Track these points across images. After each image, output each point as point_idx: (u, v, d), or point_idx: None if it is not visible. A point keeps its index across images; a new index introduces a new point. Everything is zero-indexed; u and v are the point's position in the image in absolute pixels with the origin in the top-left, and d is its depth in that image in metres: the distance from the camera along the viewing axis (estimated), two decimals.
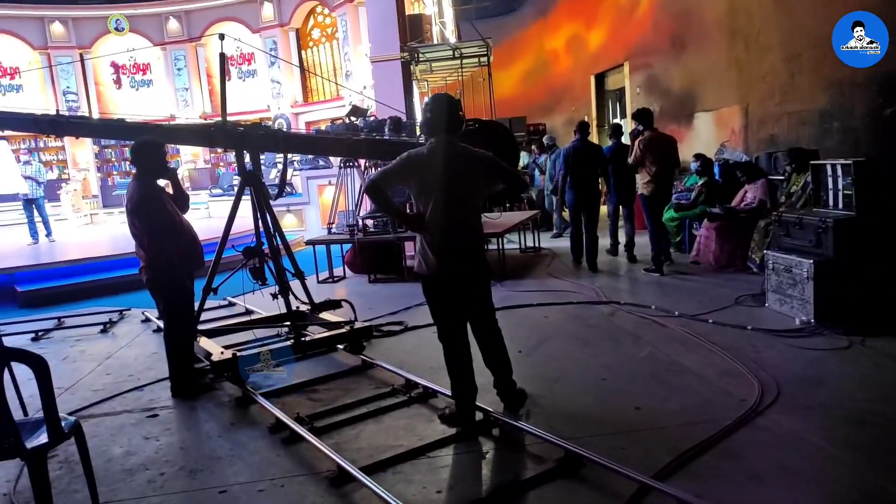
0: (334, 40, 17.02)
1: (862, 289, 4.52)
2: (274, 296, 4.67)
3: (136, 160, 4.13)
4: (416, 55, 10.03)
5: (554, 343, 4.77)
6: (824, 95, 6.61)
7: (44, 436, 2.50)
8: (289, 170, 13.76)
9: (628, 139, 8.09)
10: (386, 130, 7.62)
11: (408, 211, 4.54)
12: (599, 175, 7.58)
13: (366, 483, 2.65)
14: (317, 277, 8.03)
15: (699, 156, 7.94)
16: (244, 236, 5.12)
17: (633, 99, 12.24)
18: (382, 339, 5.12)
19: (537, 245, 9.09)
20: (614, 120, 13.36)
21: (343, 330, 4.50)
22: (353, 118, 8.27)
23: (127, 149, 19.30)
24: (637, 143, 6.87)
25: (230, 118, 5.17)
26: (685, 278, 6.61)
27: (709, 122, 9.48)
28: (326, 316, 4.91)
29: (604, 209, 8.57)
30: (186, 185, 17.91)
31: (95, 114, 17.08)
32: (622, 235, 8.01)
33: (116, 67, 19.09)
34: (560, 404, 3.58)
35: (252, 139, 4.74)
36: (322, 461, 2.99)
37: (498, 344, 3.51)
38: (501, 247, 7.75)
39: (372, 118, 9.18)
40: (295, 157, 13.04)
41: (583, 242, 7.45)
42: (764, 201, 6.71)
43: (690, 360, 4.12)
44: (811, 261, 4.66)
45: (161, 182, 4.21)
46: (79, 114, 14.24)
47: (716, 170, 8.02)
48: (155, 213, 3.96)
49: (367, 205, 8.71)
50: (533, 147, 12.16)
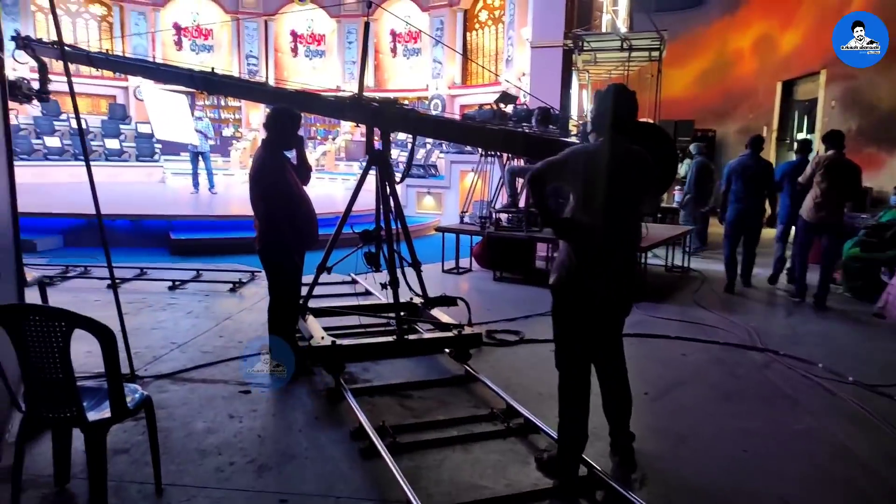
0: (500, 23, 16.66)
1: None
2: (384, 285, 4.41)
3: (269, 127, 4.03)
4: (581, 43, 9.36)
5: (689, 390, 4.08)
6: None
7: (108, 409, 2.37)
8: (436, 151, 13.71)
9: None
10: (533, 121, 7.11)
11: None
12: (766, 195, 6.94)
13: None
14: (442, 265, 7.79)
15: None
16: (368, 214, 4.89)
17: (826, 113, 10.66)
18: (493, 349, 4.71)
19: (686, 265, 8.16)
20: (800, 135, 11.77)
21: (451, 334, 4.14)
22: (502, 104, 7.84)
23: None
24: (812, 162, 6.34)
25: (390, 94, 5.00)
26: (865, 334, 5.51)
27: None
28: (437, 314, 4.58)
29: (771, 232, 7.60)
30: (341, 156, 18.67)
31: (272, 79, 18.21)
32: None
33: (295, 36, 20.16)
34: (684, 474, 2.96)
35: (383, 117, 4.47)
36: (394, 488, 2.65)
37: (623, 385, 2.98)
38: (644, 263, 7.00)
39: (522, 106, 8.71)
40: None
41: (737, 268, 6.99)
42: None
43: (861, 446, 3.29)
44: None
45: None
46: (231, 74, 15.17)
47: None
48: (273, 184, 3.84)
49: (504, 198, 8.30)
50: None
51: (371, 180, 4.62)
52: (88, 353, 4.36)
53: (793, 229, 7.08)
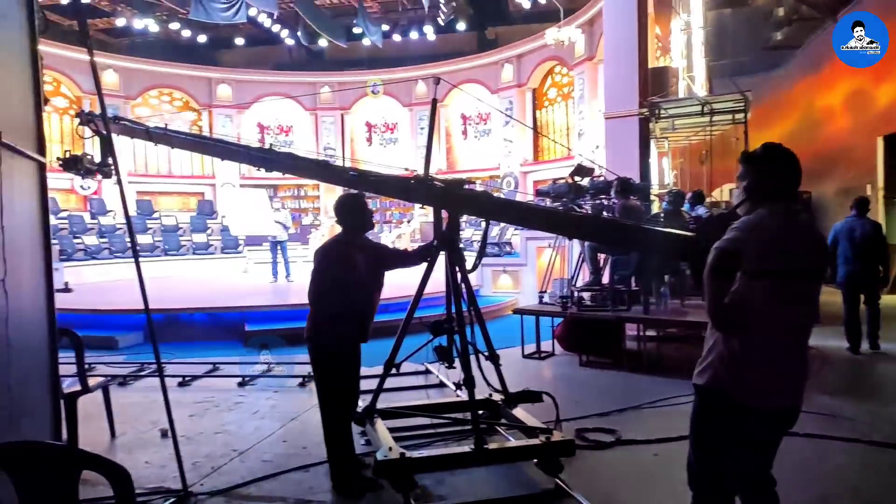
0: (570, 99, 16.59)
1: None
2: (458, 385, 3.94)
3: (339, 215, 3.85)
4: (658, 111, 8.96)
5: None
6: None
7: None
8: (510, 228, 13.38)
9: None
10: (612, 193, 6.66)
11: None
12: (877, 256, 6.76)
13: None
14: (522, 350, 7.25)
15: None
16: (436, 297, 4.48)
17: None
18: (585, 452, 4.08)
19: None
20: None
21: (537, 441, 3.58)
22: (578, 178, 7.45)
23: (371, 200, 20.96)
24: None
25: (461, 175, 4.72)
26: None
27: None
28: (521, 413, 4.03)
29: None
30: (416, 238, 18.69)
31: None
32: None
33: (369, 126, 20.88)
34: None
35: (451, 198, 4.15)
36: None
37: None
38: None
39: (600, 178, 8.29)
40: None
41: (860, 329, 6.73)
42: None
43: None
44: None
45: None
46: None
47: None
48: (332, 266, 3.64)
49: (586, 275, 7.76)
50: None
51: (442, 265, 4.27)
52: (147, 465, 4.14)
53: None
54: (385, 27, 17.66)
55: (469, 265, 4.20)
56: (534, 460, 3.76)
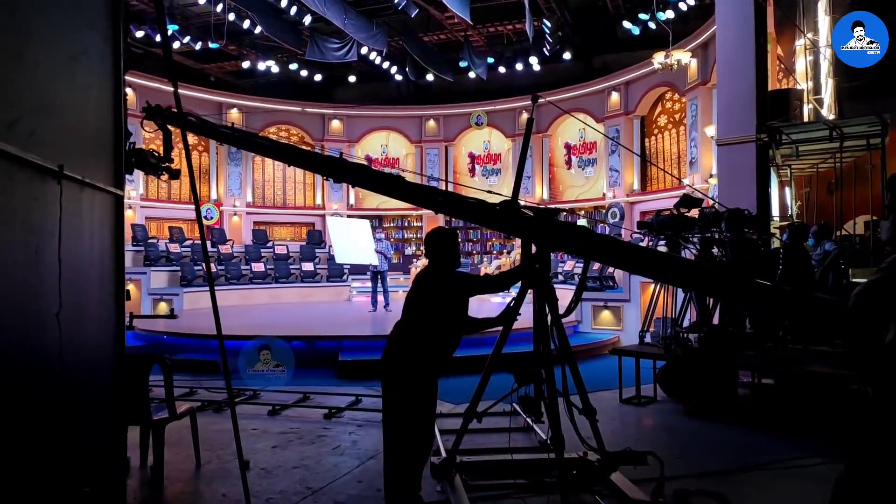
0: (682, 126, 15.78)
1: None
2: (545, 444, 3.59)
3: (428, 247, 3.77)
4: (779, 136, 8.22)
5: None
6: None
7: None
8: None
9: None
10: (722, 226, 6.10)
11: None
12: None
13: None
14: (620, 393, 6.75)
15: None
16: (524, 334, 4.16)
17: None
18: None
19: None
20: None
21: None
22: (684, 209, 6.92)
23: (472, 230, 20.87)
24: None
25: (564, 205, 4.39)
26: None
27: None
28: (619, 480, 3.61)
29: None
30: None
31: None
32: None
33: (472, 157, 21.00)
34: None
35: (538, 229, 3.76)
36: None
37: None
38: None
39: (710, 209, 7.68)
40: None
41: None
42: None
43: None
44: None
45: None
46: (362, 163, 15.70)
47: None
48: (430, 294, 3.57)
49: (692, 314, 7.16)
50: None
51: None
52: (224, 498, 4.15)
53: None
54: (490, 59, 17.77)
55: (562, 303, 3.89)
56: None
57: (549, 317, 3.75)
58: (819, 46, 9.66)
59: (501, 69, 17.89)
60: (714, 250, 6.62)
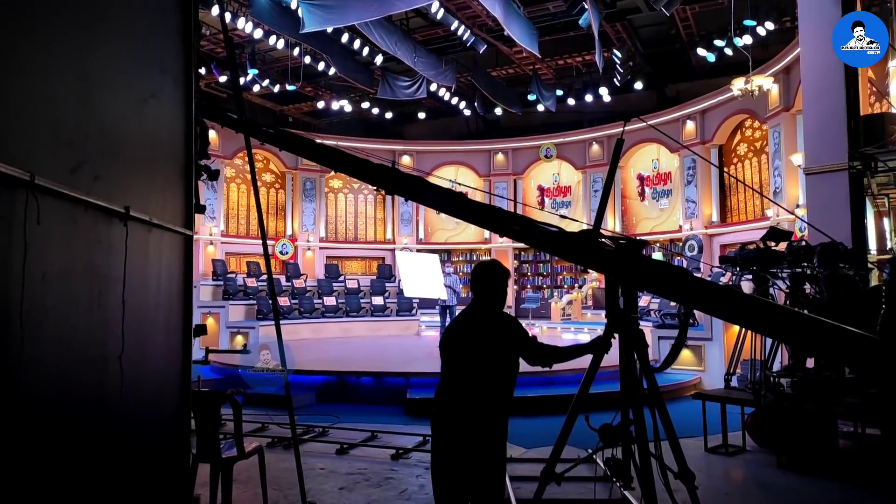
0: (763, 154, 15.05)
1: None
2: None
3: (475, 282, 3.24)
4: (874, 163, 7.63)
5: None
6: None
7: None
8: None
9: None
10: (815, 261, 5.65)
11: None
12: None
13: None
14: (705, 442, 6.29)
15: None
16: (610, 372, 3.63)
17: None
18: None
19: None
20: None
21: None
22: (772, 243, 6.47)
23: (543, 263, 20.52)
24: None
25: (640, 237, 3.96)
26: None
27: None
28: None
29: None
30: (588, 304, 17.89)
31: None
32: None
33: (542, 190, 20.78)
34: None
35: (625, 263, 3.24)
36: None
37: None
38: None
39: (800, 243, 7.16)
40: None
41: None
42: None
43: None
44: None
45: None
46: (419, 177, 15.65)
47: None
48: (478, 343, 3.04)
49: (784, 356, 6.63)
50: None
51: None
52: None
53: None
54: (559, 92, 17.67)
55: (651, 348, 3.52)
56: None
57: (638, 366, 3.30)
58: None
59: (570, 101, 17.73)
60: (806, 287, 6.13)
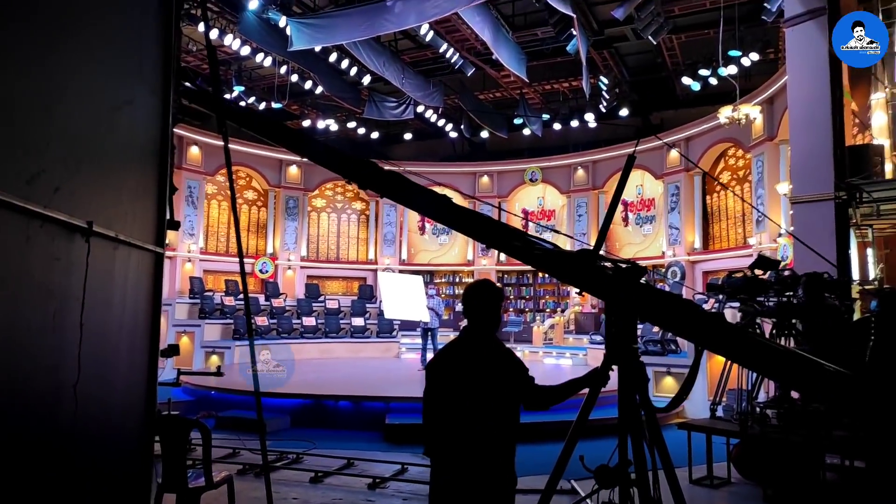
0: (746, 182, 15.18)
1: None
2: None
3: (469, 304, 3.01)
4: (859, 194, 7.67)
5: None
6: None
7: None
8: None
9: None
10: (800, 291, 5.60)
11: None
12: None
13: None
14: (689, 473, 6.15)
15: None
16: (608, 406, 3.35)
17: None
18: None
19: None
20: None
21: None
22: (760, 271, 6.42)
23: (525, 286, 20.36)
24: None
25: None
26: None
27: None
28: None
29: None
30: (570, 329, 17.78)
31: (502, 257, 18.73)
32: None
33: (526, 214, 20.77)
34: None
35: (625, 290, 3.03)
36: None
37: None
38: None
39: (787, 272, 7.14)
40: None
41: None
42: None
43: None
44: None
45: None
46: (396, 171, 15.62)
47: None
48: (440, 384, 2.83)
49: (771, 387, 6.55)
50: None
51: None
52: None
53: None
54: (545, 116, 17.75)
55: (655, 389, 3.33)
56: None
57: (638, 398, 3.07)
58: None
59: (557, 126, 17.82)
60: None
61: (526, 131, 17.82)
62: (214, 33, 12.13)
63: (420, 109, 16.75)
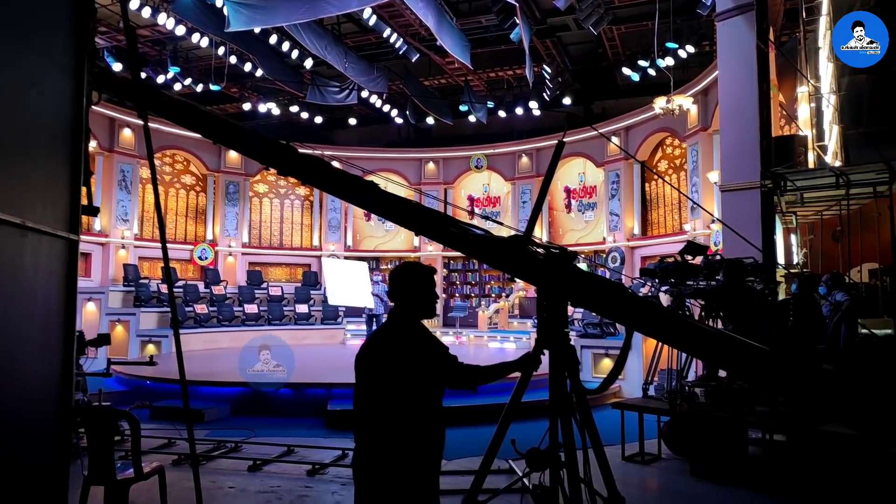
0: (682, 171, 15.68)
1: None
2: None
3: (396, 287, 2.79)
4: (784, 182, 8.03)
5: None
6: None
7: None
8: None
9: None
10: (721, 275, 5.85)
11: None
12: None
13: None
14: (622, 450, 6.38)
15: None
16: (540, 380, 3.29)
17: None
18: None
19: None
20: None
21: None
22: (689, 257, 6.67)
23: (471, 272, 20.53)
24: None
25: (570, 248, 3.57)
26: None
27: None
28: None
29: None
30: (515, 314, 18.05)
31: None
32: None
33: (472, 200, 20.89)
34: None
35: (556, 275, 3.03)
36: None
37: None
38: None
39: (716, 257, 7.43)
40: None
41: None
42: None
43: None
44: None
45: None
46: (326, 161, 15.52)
47: None
48: (395, 369, 2.59)
49: (699, 366, 6.84)
50: None
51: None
52: None
53: None
54: (490, 104, 17.84)
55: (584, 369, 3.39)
56: None
57: (569, 385, 3.09)
58: (822, 93, 9.57)
59: (501, 113, 17.95)
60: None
61: (471, 118, 17.89)
62: (147, 12, 11.64)
63: (364, 94, 16.56)
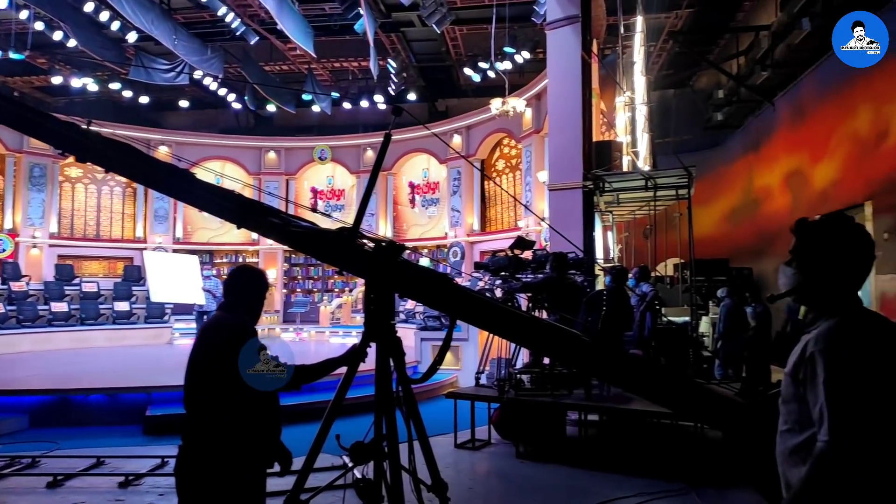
0: (518, 171, 16.56)
1: None
2: None
3: (230, 288, 2.97)
4: (602, 184, 8.75)
5: None
6: None
7: None
8: None
9: None
10: (548, 268, 6.25)
11: None
12: None
13: None
14: (455, 438, 6.57)
15: None
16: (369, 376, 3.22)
17: (881, 246, 9.66)
18: None
19: None
20: None
21: None
22: (518, 251, 7.04)
23: (313, 267, 20.03)
24: None
25: (409, 243, 3.54)
26: None
27: None
28: None
29: None
30: (358, 308, 17.95)
31: None
32: None
33: (315, 192, 20.42)
34: None
35: (379, 268, 3.01)
36: None
37: None
38: None
39: (541, 251, 7.91)
40: None
41: None
42: None
43: None
44: None
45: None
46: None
47: None
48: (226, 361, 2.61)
49: (525, 355, 7.23)
50: None
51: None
52: None
53: None
54: (335, 95, 17.54)
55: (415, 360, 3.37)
56: None
57: (395, 376, 3.06)
58: (636, 104, 10.57)
59: (346, 105, 17.74)
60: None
61: (315, 108, 17.48)
62: None
63: (198, 76, 15.48)
